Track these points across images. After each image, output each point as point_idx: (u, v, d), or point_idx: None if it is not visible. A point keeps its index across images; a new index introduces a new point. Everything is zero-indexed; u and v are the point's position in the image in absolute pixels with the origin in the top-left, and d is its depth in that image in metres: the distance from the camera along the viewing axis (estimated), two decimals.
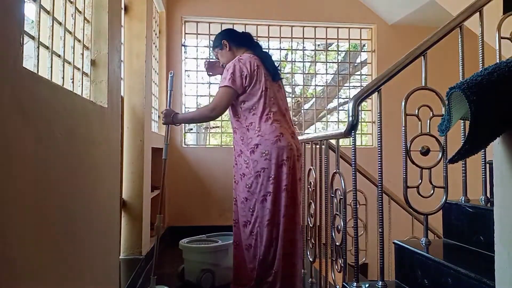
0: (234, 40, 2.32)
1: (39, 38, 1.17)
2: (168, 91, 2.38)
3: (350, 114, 1.61)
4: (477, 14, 1.67)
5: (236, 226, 2.25)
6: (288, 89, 5.34)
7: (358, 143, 1.88)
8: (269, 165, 2.07)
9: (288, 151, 2.09)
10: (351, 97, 2.13)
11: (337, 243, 1.79)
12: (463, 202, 1.67)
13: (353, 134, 1.63)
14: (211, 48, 2.48)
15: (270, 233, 2.08)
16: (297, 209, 2.18)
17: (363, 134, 4.50)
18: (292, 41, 4.29)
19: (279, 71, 2.30)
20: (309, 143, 2.42)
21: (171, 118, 2.25)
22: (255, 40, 2.43)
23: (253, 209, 2.12)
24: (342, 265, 1.74)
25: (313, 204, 2.25)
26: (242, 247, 2.20)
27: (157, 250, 2.29)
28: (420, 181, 1.60)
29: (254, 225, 2.12)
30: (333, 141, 1.99)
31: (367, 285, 1.64)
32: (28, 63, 1.04)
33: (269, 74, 2.22)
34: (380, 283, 1.57)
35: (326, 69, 4.52)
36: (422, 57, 1.66)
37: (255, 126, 2.12)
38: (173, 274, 2.67)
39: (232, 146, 2.32)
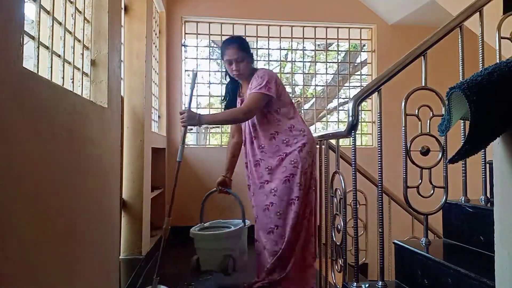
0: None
1: (39, 38, 1.17)
2: (190, 90, 2.27)
3: (350, 114, 1.61)
4: (477, 14, 1.67)
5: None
6: (288, 89, 5.34)
7: (358, 143, 1.88)
8: (312, 162, 2.24)
9: (315, 148, 2.30)
10: (351, 97, 2.13)
11: (337, 243, 1.79)
12: (463, 202, 1.67)
13: (353, 134, 1.63)
14: (225, 51, 2.32)
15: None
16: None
17: (363, 134, 4.50)
18: (292, 41, 4.29)
19: None
20: None
21: (197, 119, 2.15)
22: None
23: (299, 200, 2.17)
24: (342, 265, 1.74)
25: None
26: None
27: (161, 252, 2.25)
28: (420, 181, 1.60)
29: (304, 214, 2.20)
30: (333, 141, 1.99)
31: (367, 285, 1.64)
32: (28, 63, 1.04)
33: None
34: (380, 283, 1.57)
35: (326, 69, 4.52)
36: (422, 57, 1.66)
37: (298, 128, 2.26)
38: (174, 274, 2.67)
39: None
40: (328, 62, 4.58)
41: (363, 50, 4.96)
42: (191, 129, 5.01)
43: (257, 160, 2.28)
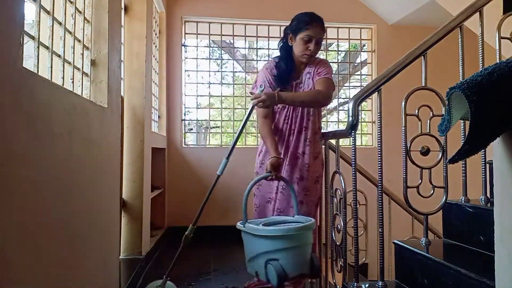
0: None
1: (39, 38, 1.17)
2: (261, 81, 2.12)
3: (350, 114, 1.61)
4: (477, 14, 1.67)
5: None
6: None
7: (358, 143, 1.88)
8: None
9: None
10: (351, 97, 2.13)
11: (337, 243, 1.79)
12: (463, 202, 1.67)
13: (353, 134, 1.63)
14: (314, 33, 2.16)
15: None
16: None
17: (363, 134, 4.50)
18: None
19: None
20: None
21: (277, 98, 1.95)
22: None
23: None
24: (342, 265, 1.74)
25: None
26: None
27: (177, 255, 2.22)
28: (420, 181, 1.60)
29: None
30: (333, 141, 1.99)
31: (367, 285, 1.64)
32: (28, 63, 1.04)
33: None
34: (380, 283, 1.57)
35: None
36: (422, 57, 1.66)
37: (319, 131, 2.19)
38: (174, 274, 2.66)
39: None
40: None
41: (363, 50, 4.96)
42: (191, 129, 5.01)
43: (299, 153, 2.13)
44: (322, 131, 2.23)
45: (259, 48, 4.34)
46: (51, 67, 1.27)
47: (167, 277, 2.14)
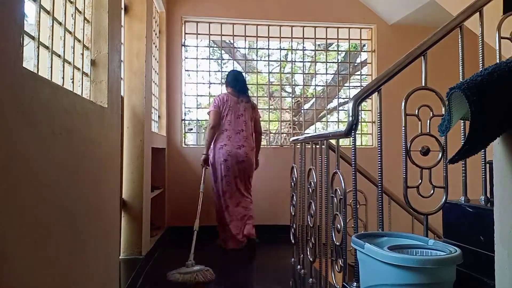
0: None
1: (39, 38, 1.17)
2: None
3: (350, 114, 1.61)
4: (477, 14, 1.67)
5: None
6: (288, 89, 5.35)
7: (358, 143, 1.88)
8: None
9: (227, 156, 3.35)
10: (351, 97, 2.13)
11: (337, 243, 1.79)
12: (463, 202, 1.67)
13: (353, 134, 1.63)
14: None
15: None
16: None
17: (363, 134, 4.50)
18: (292, 41, 4.29)
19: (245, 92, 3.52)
20: (309, 143, 2.42)
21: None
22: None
23: None
24: (342, 265, 1.74)
25: (313, 204, 2.25)
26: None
27: (194, 245, 2.79)
28: (420, 181, 1.60)
29: None
30: (333, 141, 1.99)
31: None
32: (28, 65, 1.04)
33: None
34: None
35: (326, 69, 4.51)
36: (422, 57, 1.66)
37: None
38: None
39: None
40: (328, 62, 4.58)
41: (363, 50, 4.96)
42: (191, 129, 5.01)
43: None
44: (322, 131, 2.23)
45: (259, 48, 4.34)
46: (51, 67, 1.26)
47: (191, 261, 2.58)
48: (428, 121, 1.59)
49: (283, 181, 3.50)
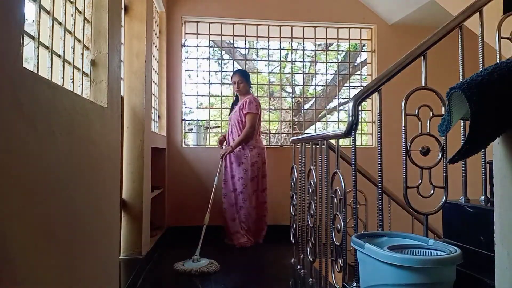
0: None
1: (39, 38, 1.17)
2: None
3: (350, 114, 1.61)
4: (477, 14, 1.67)
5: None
6: (288, 89, 5.35)
7: (358, 143, 1.88)
8: None
9: None
10: (351, 97, 2.13)
11: (337, 243, 1.79)
12: (463, 202, 1.67)
13: (353, 134, 1.63)
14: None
15: None
16: None
17: (363, 134, 4.50)
18: (292, 41, 4.29)
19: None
20: (309, 143, 2.42)
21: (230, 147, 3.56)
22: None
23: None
24: (342, 265, 1.74)
25: (313, 204, 2.25)
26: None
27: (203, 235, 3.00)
28: (420, 181, 1.60)
29: None
30: (333, 141, 1.99)
31: None
32: (29, 65, 1.04)
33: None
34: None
35: (326, 69, 4.51)
36: (422, 57, 1.66)
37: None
38: (174, 274, 2.67)
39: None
40: (328, 62, 4.58)
41: (363, 50, 4.96)
42: (191, 129, 5.01)
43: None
44: (322, 131, 2.23)
45: (259, 48, 4.34)
46: (51, 67, 1.26)
47: (197, 254, 2.79)
48: (428, 121, 1.59)
49: (283, 181, 3.51)
